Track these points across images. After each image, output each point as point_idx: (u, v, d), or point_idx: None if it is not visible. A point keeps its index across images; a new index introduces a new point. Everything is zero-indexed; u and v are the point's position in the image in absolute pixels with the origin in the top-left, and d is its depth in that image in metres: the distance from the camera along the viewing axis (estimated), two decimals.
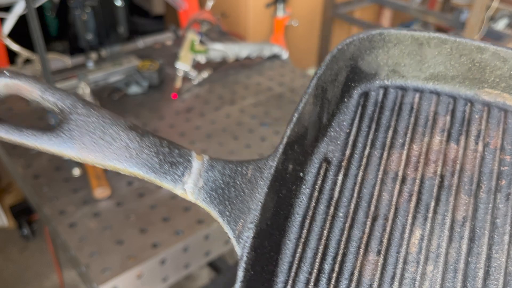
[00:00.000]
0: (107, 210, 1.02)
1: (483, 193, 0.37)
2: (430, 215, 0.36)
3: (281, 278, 0.35)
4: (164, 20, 3.32)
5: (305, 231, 0.36)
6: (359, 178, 0.38)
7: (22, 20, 1.66)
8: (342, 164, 0.39)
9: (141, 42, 1.96)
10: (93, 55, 1.63)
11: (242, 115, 1.38)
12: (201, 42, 1.64)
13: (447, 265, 0.35)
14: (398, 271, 0.35)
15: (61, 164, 1.14)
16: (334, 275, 0.35)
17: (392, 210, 0.37)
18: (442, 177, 0.38)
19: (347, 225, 0.36)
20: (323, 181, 0.38)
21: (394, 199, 0.37)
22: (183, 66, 1.49)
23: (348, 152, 0.39)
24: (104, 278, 0.86)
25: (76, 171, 1.09)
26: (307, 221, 0.37)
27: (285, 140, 0.35)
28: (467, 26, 2.33)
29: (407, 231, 0.36)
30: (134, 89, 1.47)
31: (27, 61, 1.47)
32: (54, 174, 1.11)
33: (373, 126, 0.41)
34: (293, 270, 0.35)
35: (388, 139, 0.40)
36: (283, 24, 2.65)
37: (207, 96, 1.48)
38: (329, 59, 0.38)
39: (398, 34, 0.40)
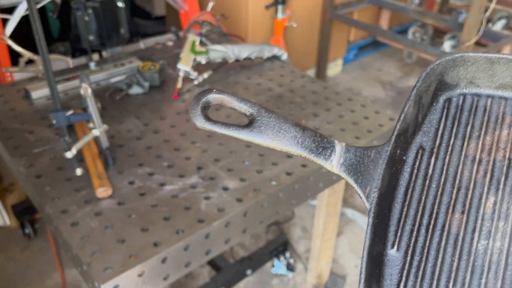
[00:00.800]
0: (109, 209, 1.03)
1: None
2: (501, 186, 0.49)
3: (392, 228, 0.50)
4: (165, 21, 3.33)
5: (408, 197, 0.51)
6: (446, 160, 0.52)
7: (24, 21, 1.67)
8: (434, 150, 0.53)
9: (142, 43, 1.97)
10: (95, 56, 1.65)
11: (243, 115, 1.39)
12: (202, 43, 1.65)
13: None
14: (478, 225, 0.48)
15: (63, 164, 1.15)
16: (431, 227, 0.49)
17: (472, 183, 0.50)
18: (510, 159, 0.51)
19: (439, 193, 0.51)
20: (420, 162, 0.52)
21: (473, 175, 0.50)
22: (184, 67, 1.50)
23: (437, 142, 0.53)
24: (106, 276, 0.87)
25: (79, 171, 1.11)
26: (409, 190, 0.51)
27: (395, 132, 0.50)
28: (465, 27, 2.34)
29: (483, 197, 0.49)
30: (135, 90, 1.48)
31: (30, 61, 1.49)
32: (56, 174, 1.12)
33: (455, 123, 0.54)
34: (401, 223, 0.50)
35: (467, 132, 0.53)
36: (282, 25, 2.66)
37: None
38: (424, 75, 0.52)
39: (475, 56, 0.52)
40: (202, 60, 1.56)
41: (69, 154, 1.10)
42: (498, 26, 2.86)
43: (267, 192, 1.09)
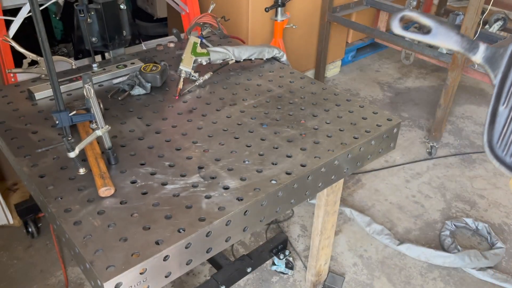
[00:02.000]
0: (111, 208, 1.04)
1: None
2: None
3: (504, 94, 0.84)
4: (166, 23, 3.35)
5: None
6: None
7: (28, 23, 1.69)
8: None
9: (144, 45, 1.99)
10: (98, 58, 1.66)
11: (243, 116, 1.41)
12: (203, 44, 1.67)
13: None
14: None
15: (66, 164, 1.17)
16: None
17: None
18: None
19: None
20: None
21: None
22: (185, 68, 1.52)
23: None
24: (108, 274, 0.88)
25: (81, 171, 1.12)
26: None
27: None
28: (462, 29, 2.36)
29: None
30: (137, 90, 1.50)
31: (33, 63, 1.50)
32: (59, 173, 1.14)
33: None
34: (510, 91, 0.83)
35: None
36: (282, 27, 2.68)
37: (209, 97, 1.51)
38: None
39: None
40: (203, 61, 1.58)
41: (72, 154, 1.12)
42: (495, 28, 2.88)
43: (267, 191, 1.11)
